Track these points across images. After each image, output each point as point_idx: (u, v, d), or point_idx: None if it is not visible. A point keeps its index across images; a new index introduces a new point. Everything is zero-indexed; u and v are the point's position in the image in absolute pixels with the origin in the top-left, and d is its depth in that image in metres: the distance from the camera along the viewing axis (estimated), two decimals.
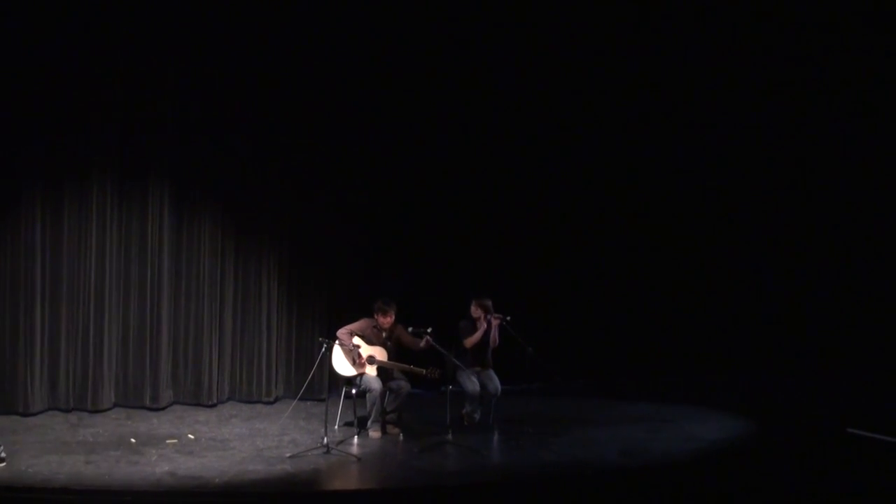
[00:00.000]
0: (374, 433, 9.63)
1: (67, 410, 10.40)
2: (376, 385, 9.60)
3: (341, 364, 9.72)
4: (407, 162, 12.23)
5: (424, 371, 9.53)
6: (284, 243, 11.66)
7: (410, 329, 9.67)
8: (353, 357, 9.65)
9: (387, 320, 9.83)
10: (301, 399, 10.95)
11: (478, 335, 10.13)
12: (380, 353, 9.80)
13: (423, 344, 9.60)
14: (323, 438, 8.89)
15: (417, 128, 12.24)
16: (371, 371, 9.69)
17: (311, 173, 11.68)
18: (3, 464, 8.07)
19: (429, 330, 9.51)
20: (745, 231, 13.82)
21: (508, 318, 10.01)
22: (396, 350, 9.90)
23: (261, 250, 11.52)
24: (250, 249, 11.48)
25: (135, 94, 10.68)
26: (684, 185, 13.57)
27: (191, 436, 9.58)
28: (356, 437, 9.63)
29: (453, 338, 10.19)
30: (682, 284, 13.56)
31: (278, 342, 11.66)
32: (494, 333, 10.16)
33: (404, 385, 9.76)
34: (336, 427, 9.96)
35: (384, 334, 9.89)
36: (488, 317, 10.14)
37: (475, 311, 10.23)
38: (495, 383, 10.15)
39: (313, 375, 10.41)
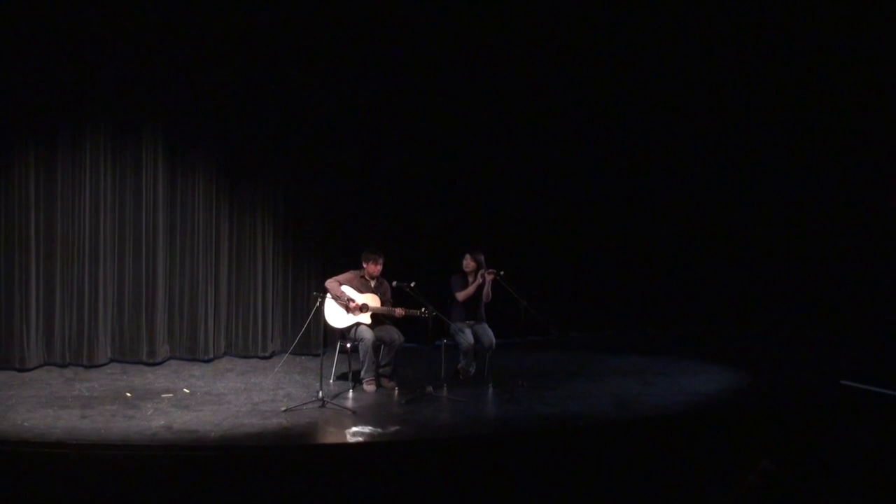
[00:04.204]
0: (369, 386, 9.64)
1: (63, 365, 10.43)
2: (368, 335, 9.60)
3: (334, 317, 9.73)
4: (403, 115, 12.17)
5: (418, 312, 9.53)
6: (279, 197, 11.62)
7: (395, 283, 9.66)
8: (346, 305, 9.65)
9: (375, 269, 9.83)
10: (296, 353, 11.00)
11: (470, 289, 10.13)
12: (372, 301, 9.80)
13: (399, 312, 9.64)
14: (318, 392, 8.93)
15: (413, 81, 12.16)
16: (364, 319, 9.70)
17: (306, 127, 11.62)
18: None
19: (412, 284, 9.50)
20: (741, 184, 13.78)
21: (502, 272, 10.00)
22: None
23: (256, 204, 11.49)
24: (245, 203, 11.45)
25: (127, 46, 10.58)
26: (676, 139, 13.51)
27: (186, 390, 9.61)
28: (351, 390, 9.67)
29: (446, 292, 10.21)
30: (677, 238, 13.56)
31: (274, 296, 11.66)
32: (488, 288, 10.16)
33: (398, 337, 9.78)
34: (331, 381, 10.00)
35: (372, 283, 9.89)
36: (482, 271, 10.14)
37: (468, 265, 10.23)
38: (489, 337, 10.17)
39: (309, 330, 10.43)
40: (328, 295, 9.60)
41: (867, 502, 5.38)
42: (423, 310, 9.46)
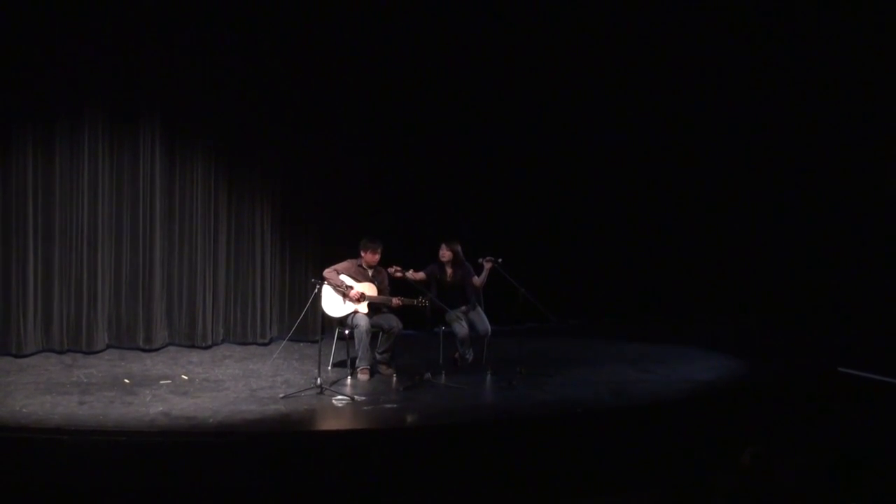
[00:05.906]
0: (363, 375, 9.59)
1: (61, 352, 10.41)
2: (363, 323, 9.59)
3: (331, 305, 9.72)
4: (401, 100, 12.12)
5: (415, 301, 9.53)
6: (277, 183, 11.59)
7: (390, 269, 9.67)
8: (344, 292, 9.65)
9: (374, 258, 9.82)
10: (295, 340, 10.99)
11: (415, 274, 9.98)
12: (370, 290, 9.79)
13: (396, 302, 9.65)
14: (316, 379, 8.93)
15: (412, 65, 12.12)
16: (362, 308, 9.69)
17: (304, 112, 11.57)
18: None
19: (409, 271, 9.49)
20: (736, 168, 13.73)
21: (500, 259, 9.99)
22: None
23: (254, 191, 11.45)
24: (243, 190, 11.41)
25: (125, 32, 10.54)
26: (671, 122, 13.45)
27: (184, 376, 9.61)
28: (349, 377, 9.67)
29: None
30: (674, 224, 13.52)
31: (272, 283, 11.64)
32: (484, 276, 10.12)
33: (396, 325, 9.76)
34: (329, 368, 10.00)
35: (370, 272, 9.88)
36: (480, 260, 10.11)
37: (444, 255, 10.15)
38: (485, 324, 10.11)
39: (307, 316, 10.42)
40: (326, 282, 9.59)
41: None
42: (419, 299, 9.47)
